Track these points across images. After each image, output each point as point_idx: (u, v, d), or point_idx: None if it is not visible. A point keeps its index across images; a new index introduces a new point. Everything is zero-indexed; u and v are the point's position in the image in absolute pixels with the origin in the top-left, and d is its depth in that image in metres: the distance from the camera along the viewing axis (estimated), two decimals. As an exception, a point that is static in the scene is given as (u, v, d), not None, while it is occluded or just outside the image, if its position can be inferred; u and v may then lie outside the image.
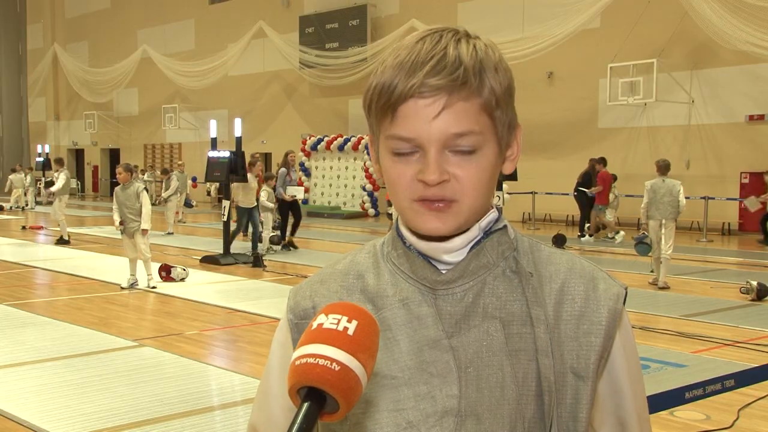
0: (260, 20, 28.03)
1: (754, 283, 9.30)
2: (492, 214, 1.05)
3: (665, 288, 10.10)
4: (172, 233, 17.14)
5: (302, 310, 1.08)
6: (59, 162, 16.60)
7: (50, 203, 22.39)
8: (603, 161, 17.01)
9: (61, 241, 15.48)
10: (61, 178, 15.27)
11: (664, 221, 10.41)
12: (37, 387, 5.65)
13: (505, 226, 1.05)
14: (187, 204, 21.04)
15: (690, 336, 7.27)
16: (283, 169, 14.16)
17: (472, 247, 1.02)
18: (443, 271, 1.02)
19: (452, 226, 0.98)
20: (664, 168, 10.33)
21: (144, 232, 9.83)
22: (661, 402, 4.62)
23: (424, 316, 1.01)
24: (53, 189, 15.39)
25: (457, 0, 23.00)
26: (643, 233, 10.44)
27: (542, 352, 0.98)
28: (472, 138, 0.96)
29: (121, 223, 9.88)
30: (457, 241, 1.01)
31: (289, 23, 27.57)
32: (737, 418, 4.90)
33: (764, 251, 15.33)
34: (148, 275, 10.06)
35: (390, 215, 16.48)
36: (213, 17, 31.26)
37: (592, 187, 16.74)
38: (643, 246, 10.49)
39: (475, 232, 1.02)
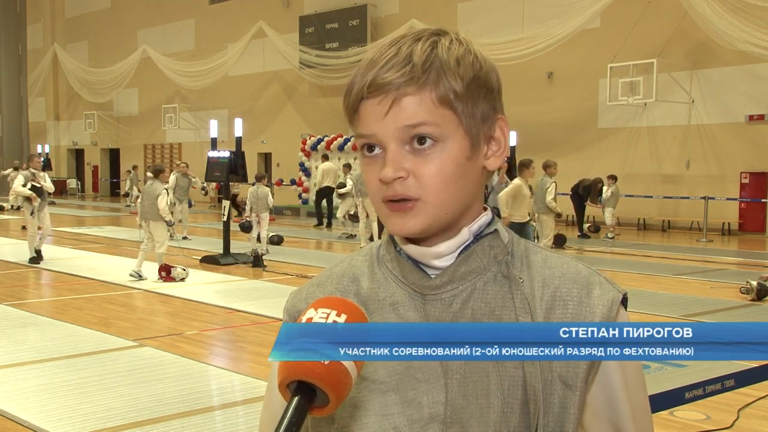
0: (260, 20, 28.04)
1: (754, 282, 9.30)
2: (483, 218, 1.03)
3: None
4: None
5: (297, 312, 1.08)
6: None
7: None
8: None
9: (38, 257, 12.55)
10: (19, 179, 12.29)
11: (537, 215, 12.06)
12: (37, 387, 5.65)
13: (496, 230, 1.03)
14: (188, 204, 20.99)
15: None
16: None
17: (461, 252, 1.01)
18: (432, 276, 1.01)
19: (417, 225, 0.97)
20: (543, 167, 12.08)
21: None
22: (661, 402, 4.62)
23: (412, 321, 1.00)
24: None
25: (457, 0, 23.01)
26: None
27: (528, 360, 0.96)
28: (427, 129, 0.95)
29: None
30: (445, 246, 1.00)
31: (289, 23, 27.58)
32: (737, 418, 4.90)
33: (764, 251, 15.33)
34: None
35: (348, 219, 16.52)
36: (213, 17, 31.26)
37: (589, 200, 16.99)
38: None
39: (464, 236, 1.01)
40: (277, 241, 14.99)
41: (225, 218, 12.65)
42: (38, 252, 12.47)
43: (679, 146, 19.22)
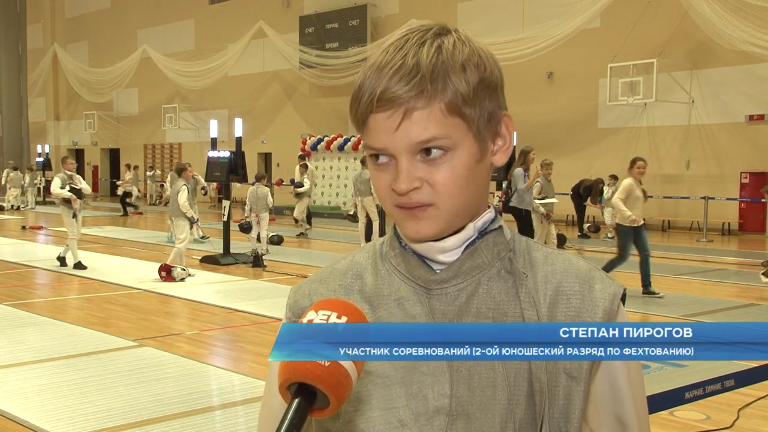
0: (260, 20, 28.04)
1: None
2: (488, 215, 1.05)
3: None
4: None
5: (300, 309, 1.09)
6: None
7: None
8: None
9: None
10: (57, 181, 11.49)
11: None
12: (37, 387, 5.65)
13: (500, 227, 1.05)
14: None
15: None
16: (519, 170, 11.09)
17: (466, 247, 1.03)
18: (437, 271, 1.03)
19: (432, 229, 0.99)
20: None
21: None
22: (661, 402, 4.61)
23: (418, 315, 1.01)
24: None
25: (457, 0, 23.01)
26: None
27: None
28: (438, 142, 0.96)
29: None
30: (450, 241, 1.02)
31: (289, 23, 27.59)
32: (737, 418, 4.90)
33: (764, 251, 15.33)
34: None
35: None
36: (213, 17, 31.26)
37: (589, 200, 16.99)
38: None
39: (469, 232, 1.02)
40: (277, 241, 14.98)
41: (225, 218, 12.65)
42: (62, 258, 11.90)
43: (679, 146, 19.21)
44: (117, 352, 6.73)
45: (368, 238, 14.36)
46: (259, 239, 13.32)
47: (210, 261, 12.51)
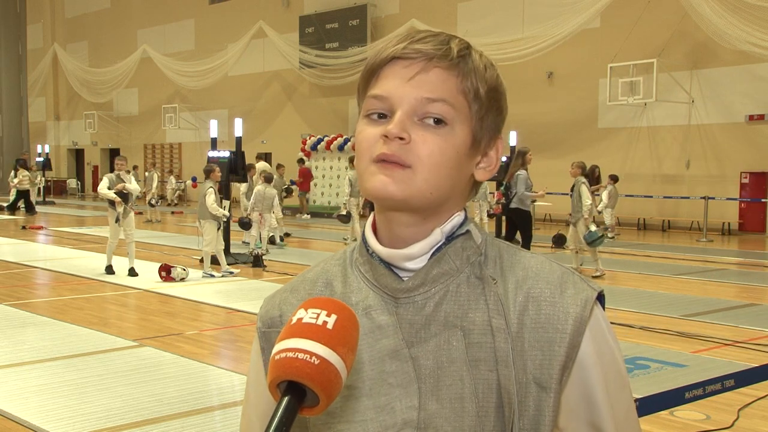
0: (260, 20, 28.05)
1: None
2: (456, 218, 1.02)
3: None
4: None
5: (270, 319, 1.08)
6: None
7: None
8: (301, 160, 22.78)
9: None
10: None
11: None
12: (37, 387, 5.65)
13: (468, 231, 1.02)
14: (150, 204, 21.17)
15: (690, 336, 7.28)
16: (524, 172, 11.22)
17: (433, 254, 1.00)
18: (404, 279, 1.00)
19: (400, 191, 0.95)
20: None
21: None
22: (660, 402, 4.61)
23: (385, 325, 0.99)
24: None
25: (457, 0, 23.01)
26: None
27: (502, 363, 0.95)
28: (442, 107, 0.95)
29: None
30: (417, 248, 0.99)
31: (289, 23, 27.59)
32: (737, 418, 4.90)
33: (764, 251, 15.33)
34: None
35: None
36: (213, 17, 31.27)
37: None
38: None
39: (436, 237, 1.00)
40: (276, 241, 14.96)
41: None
42: (132, 269, 10.98)
43: (679, 146, 19.22)
44: (117, 352, 6.73)
45: None
46: (259, 239, 13.31)
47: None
